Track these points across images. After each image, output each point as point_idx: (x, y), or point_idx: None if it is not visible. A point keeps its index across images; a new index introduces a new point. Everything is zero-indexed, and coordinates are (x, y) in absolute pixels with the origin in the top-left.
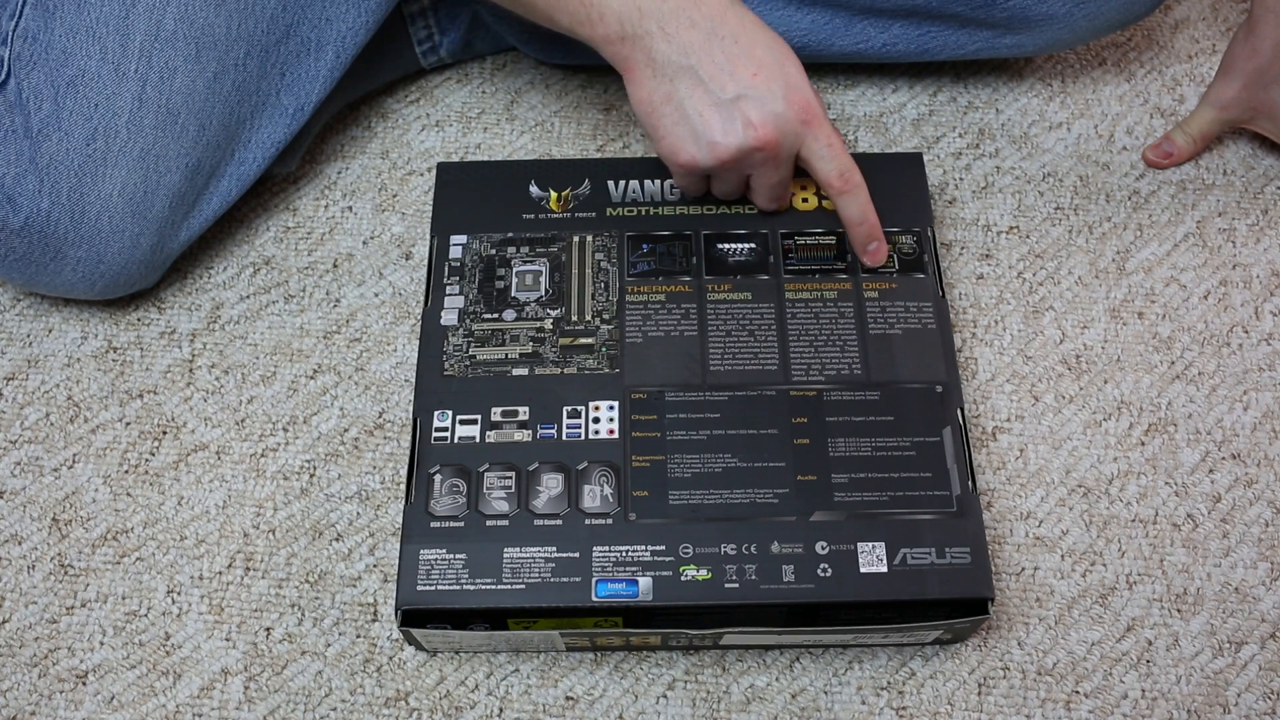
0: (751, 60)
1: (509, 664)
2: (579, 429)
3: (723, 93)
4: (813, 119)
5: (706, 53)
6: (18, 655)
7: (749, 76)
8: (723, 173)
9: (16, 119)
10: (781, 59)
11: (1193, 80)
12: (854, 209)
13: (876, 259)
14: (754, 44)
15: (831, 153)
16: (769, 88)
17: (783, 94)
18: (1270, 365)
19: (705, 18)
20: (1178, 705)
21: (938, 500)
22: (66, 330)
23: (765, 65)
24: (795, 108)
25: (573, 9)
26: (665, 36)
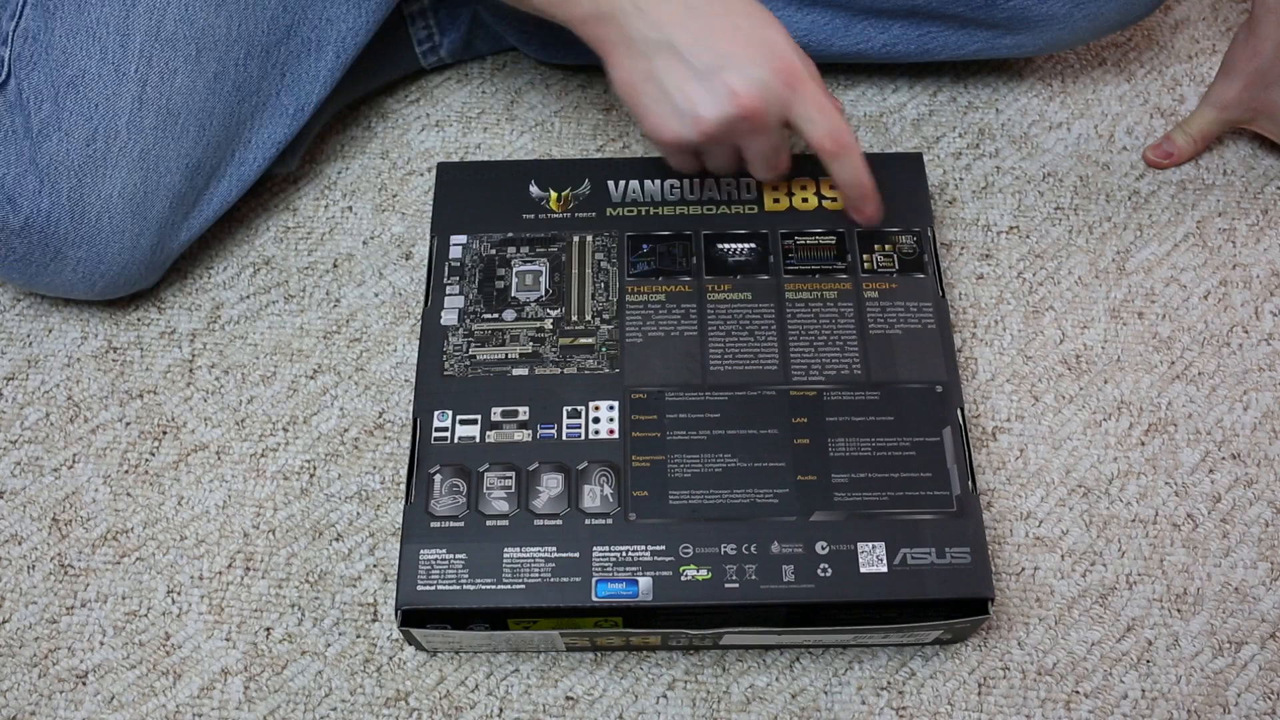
0: (729, 28)
1: (509, 664)
2: (579, 429)
3: (702, 64)
4: (798, 82)
5: (683, 25)
6: (18, 655)
7: (728, 45)
8: (711, 146)
9: (16, 119)
10: (761, 24)
11: (1193, 80)
12: (846, 172)
13: (867, 216)
14: (731, 12)
15: (821, 115)
16: (749, 54)
17: (764, 59)
18: (1270, 365)
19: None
20: (1178, 705)
21: (938, 500)
22: (66, 330)
23: (743, 32)
24: (778, 72)
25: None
26: (639, 13)
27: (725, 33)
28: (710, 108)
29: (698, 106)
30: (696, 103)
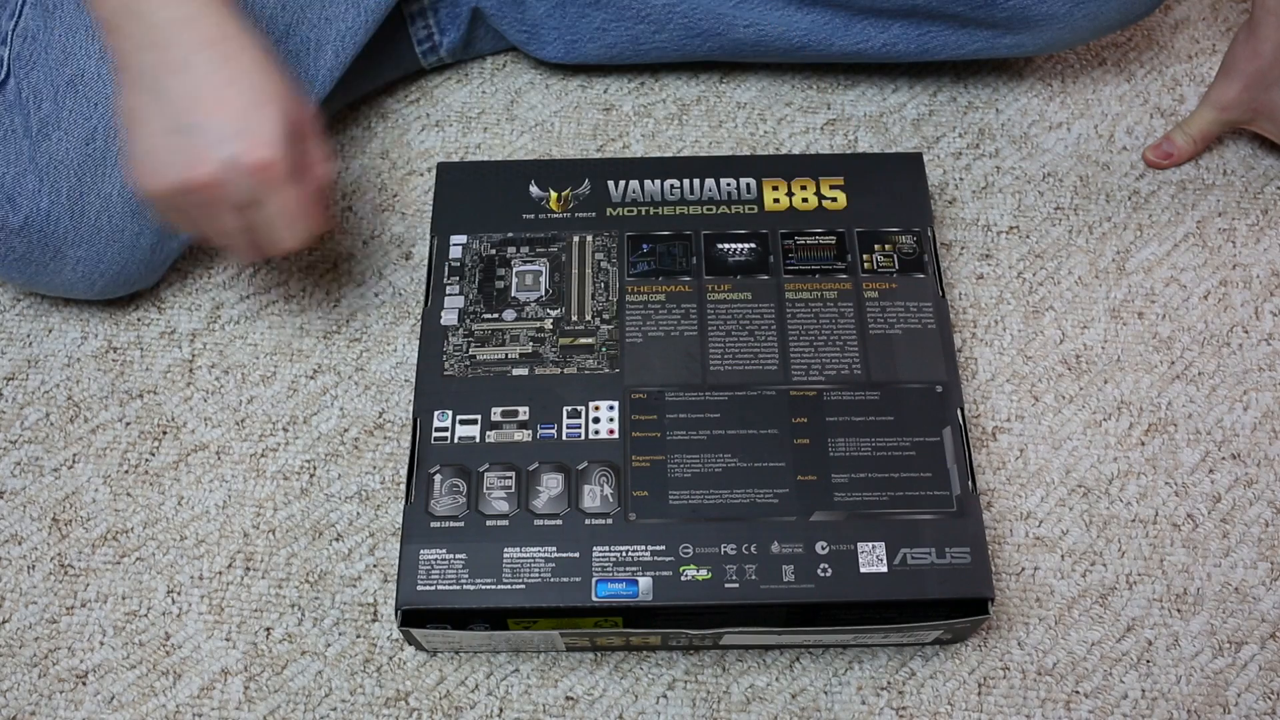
0: (220, 96)
1: (509, 664)
2: (579, 429)
3: (182, 120)
4: (262, 171)
5: (178, 74)
6: (18, 655)
7: (207, 111)
8: (174, 206)
9: (16, 118)
10: (261, 104)
11: (1193, 80)
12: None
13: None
14: (234, 79)
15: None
16: (223, 127)
17: (235, 136)
18: (1270, 365)
19: (193, 38)
20: (1178, 705)
21: (938, 500)
22: (66, 330)
23: (235, 104)
24: (244, 155)
25: None
26: (146, 46)
27: (215, 97)
28: (170, 166)
29: (161, 161)
30: (162, 157)
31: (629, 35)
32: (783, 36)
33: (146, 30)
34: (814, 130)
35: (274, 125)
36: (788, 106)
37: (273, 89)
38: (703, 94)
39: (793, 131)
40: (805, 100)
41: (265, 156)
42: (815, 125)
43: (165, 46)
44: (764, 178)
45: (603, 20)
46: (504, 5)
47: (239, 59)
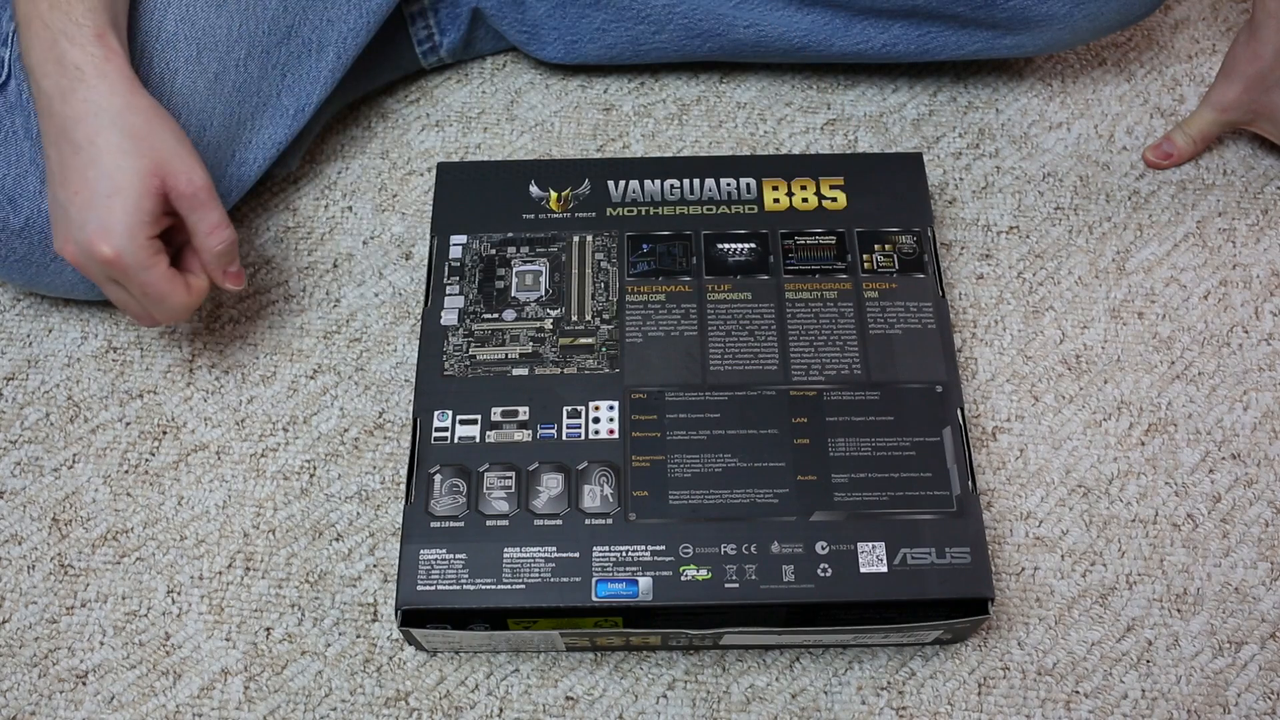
0: (81, 178)
1: (509, 664)
2: (579, 429)
3: (56, 193)
4: (115, 264)
5: (55, 147)
6: (18, 655)
7: (71, 193)
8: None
9: (17, 120)
10: (111, 191)
11: (1193, 80)
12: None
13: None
14: (92, 163)
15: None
16: (82, 214)
17: (91, 226)
18: (1270, 365)
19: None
20: (1178, 705)
21: (938, 500)
22: (66, 330)
23: (90, 189)
24: (96, 244)
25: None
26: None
27: (75, 179)
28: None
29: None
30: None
31: (629, 35)
32: (783, 37)
33: (37, 96)
34: (814, 130)
35: (122, 217)
36: (788, 106)
37: (132, 173)
38: (703, 94)
39: (793, 131)
40: (805, 100)
41: (108, 250)
42: (815, 125)
43: (46, 117)
44: (764, 178)
45: (603, 20)
46: (504, 5)
47: (103, 138)
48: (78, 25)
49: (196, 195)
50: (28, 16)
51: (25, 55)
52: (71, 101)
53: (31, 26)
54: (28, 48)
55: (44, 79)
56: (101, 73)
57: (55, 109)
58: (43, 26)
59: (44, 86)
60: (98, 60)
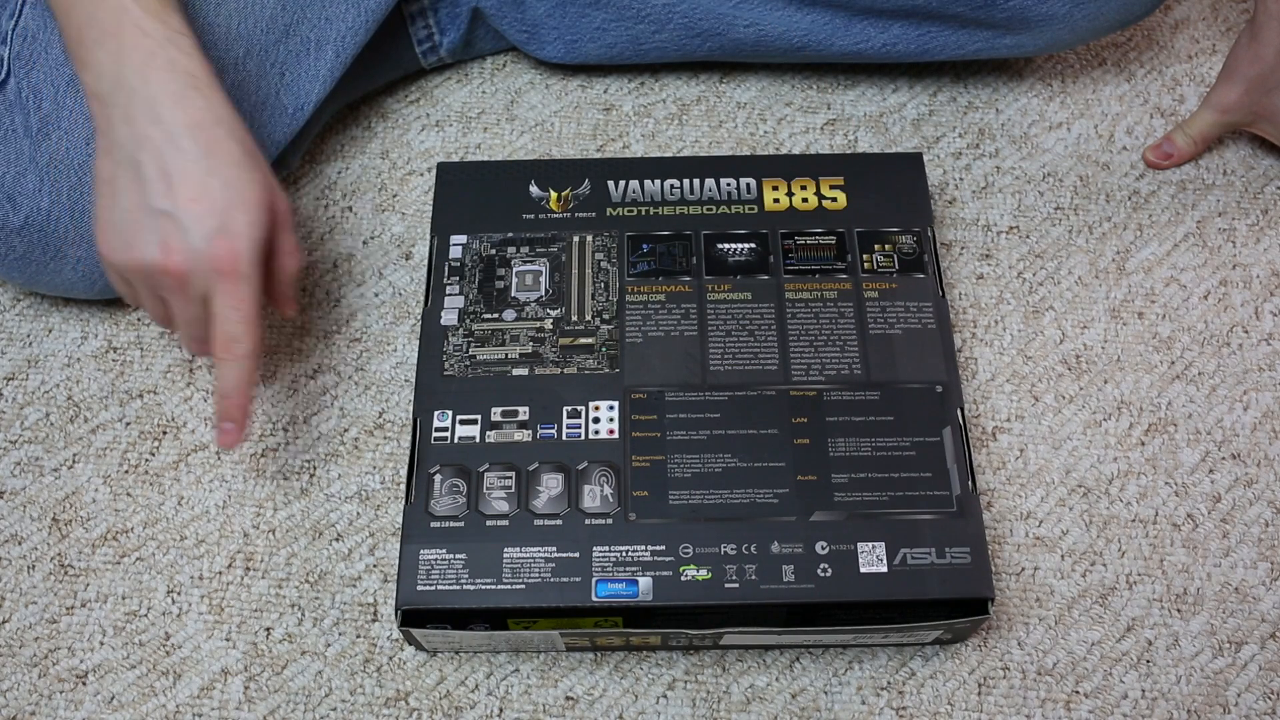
0: (199, 185)
1: (509, 664)
2: (579, 429)
3: (155, 202)
4: (229, 274)
5: (157, 155)
6: (18, 655)
7: (186, 199)
8: (135, 282)
9: (16, 118)
10: (235, 200)
11: (1193, 80)
12: (226, 380)
13: (225, 442)
14: (213, 171)
15: (235, 316)
16: (200, 220)
17: (210, 233)
18: (1270, 365)
19: (176, 121)
20: (1178, 705)
21: (938, 500)
22: (66, 330)
23: (210, 197)
24: (217, 253)
25: (72, 40)
26: (128, 118)
27: (192, 186)
28: (140, 245)
29: (131, 238)
30: (133, 233)
31: (629, 35)
32: (783, 36)
33: (133, 103)
34: (814, 130)
35: (245, 228)
36: (788, 106)
37: (254, 185)
38: (703, 94)
39: (793, 131)
40: (805, 100)
41: (233, 257)
42: (815, 125)
43: (150, 123)
44: (764, 178)
45: (603, 20)
46: (504, 5)
47: (224, 148)
48: (180, 34)
49: (286, 216)
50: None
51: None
52: (187, 108)
53: (123, 33)
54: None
55: (147, 84)
56: (213, 84)
57: (163, 114)
58: (141, 34)
59: (145, 92)
60: (210, 71)
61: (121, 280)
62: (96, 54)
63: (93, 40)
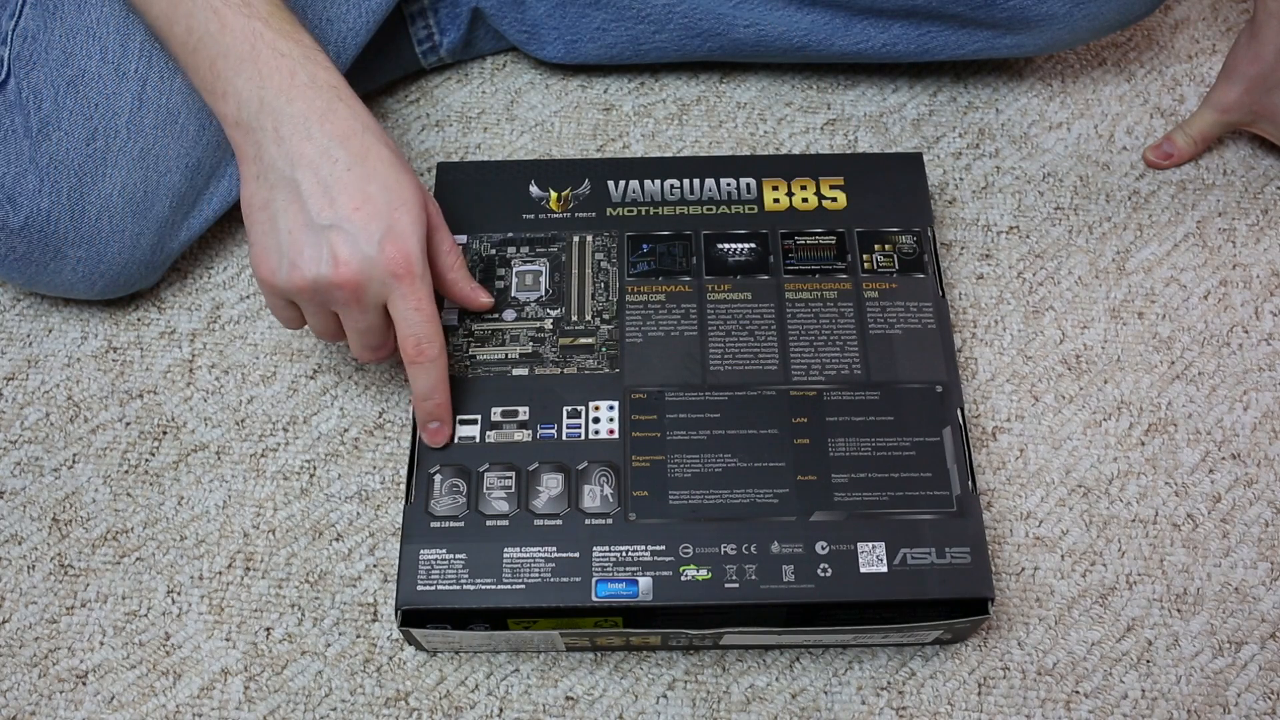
0: (359, 193)
1: (509, 664)
2: (579, 429)
3: (318, 217)
4: (404, 275)
5: (314, 169)
6: (18, 655)
7: (350, 209)
8: (303, 302)
9: (16, 118)
10: (396, 202)
11: (1193, 80)
12: (422, 382)
13: (435, 440)
14: (370, 177)
15: (417, 317)
16: (366, 227)
17: (379, 238)
18: (1270, 365)
19: (327, 134)
20: (1178, 705)
21: (938, 500)
22: (66, 330)
23: (373, 202)
24: (388, 256)
25: (203, 73)
26: (278, 139)
27: (353, 195)
28: (308, 262)
29: (297, 257)
30: (297, 253)
31: (629, 35)
32: (783, 36)
33: (282, 123)
34: (814, 130)
35: (411, 228)
36: (788, 106)
37: (409, 185)
38: (703, 94)
39: (793, 131)
40: (805, 100)
41: (405, 259)
42: (815, 125)
43: (302, 139)
44: (764, 178)
45: (603, 20)
46: (504, 5)
47: (376, 153)
48: (314, 49)
49: (438, 213)
50: (253, 50)
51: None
52: (334, 120)
53: (259, 57)
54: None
55: (292, 103)
56: (352, 93)
57: (313, 130)
58: (278, 55)
59: (292, 111)
60: (345, 81)
61: (283, 303)
62: (236, 83)
63: (230, 71)
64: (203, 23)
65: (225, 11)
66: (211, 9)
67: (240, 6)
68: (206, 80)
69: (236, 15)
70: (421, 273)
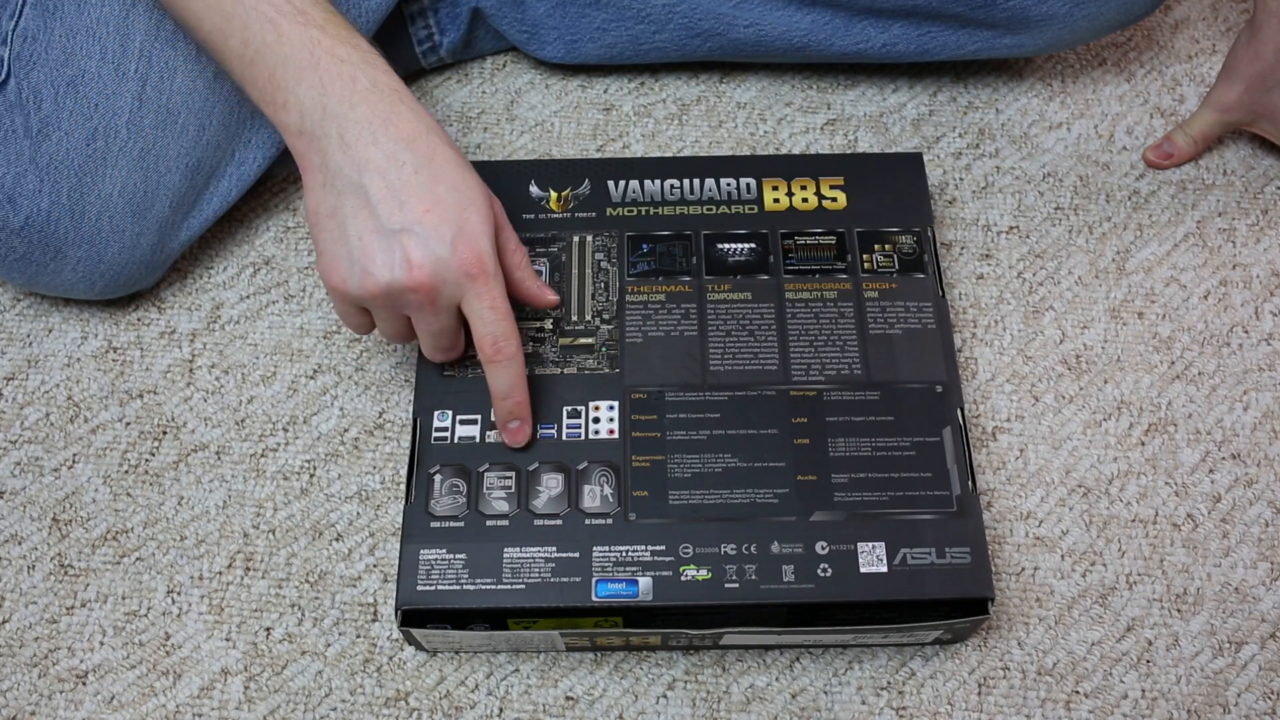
0: (428, 195)
1: (509, 664)
2: (579, 429)
3: (388, 221)
4: (478, 274)
5: (381, 174)
6: (18, 655)
7: (420, 211)
8: (376, 307)
9: (16, 119)
10: (465, 203)
11: (1193, 80)
12: (501, 381)
13: (516, 439)
14: (438, 179)
15: (492, 315)
16: (438, 229)
17: (451, 238)
18: (1270, 365)
19: (392, 138)
20: (1178, 705)
21: (938, 500)
22: (66, 330)
23: (442, 204)
24: (461, 257)
25: (261, 84)
26: (343, 145)
27: (423, 197)
28: (381, 268)
29: (369, 263)
30: (369, 258)
31: (629, 35)
32: (783, 36)
33: (346, 129)
34: (814, 130)
35: (480, 226)
36: (788, 106)
37: (475, 184)
38: (703, 94)
39: (793, 131)
40: (805, 100)
41: (478, 258)
42: (815, 125)
43: (368, 144)
44: (764, 178)
45: (603, 20)
46: (504, 5)
47: (441, 154)
48: (371, 53)
49: (502, 211)
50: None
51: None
52: (399, 123)
53: (320, 65)
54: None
55: (356, 108)
56: (411, 95)
57: (379, 134)
58: (338, 62)
59: (356, 116)
60: (404, 84)
61: (354, 310)
62: (297, 91)
63: (290, 80)
64: (259, 34)
65: (281, 21)
66: (267, 20)
67: (296, 15)
68: (266, 91)
69: (293, 24)
70: (494, 271)
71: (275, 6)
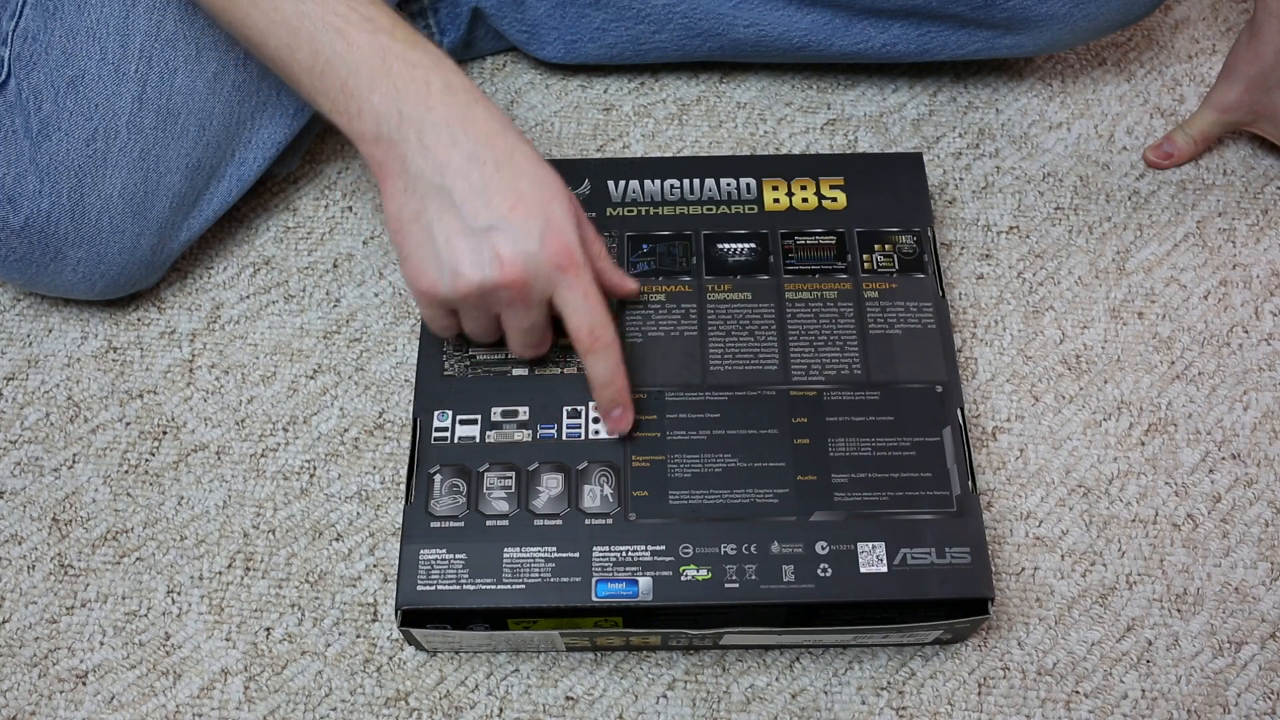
0: (512, 191)
1: (509, 664)
2: (579, 429)
3: (475, 221)
4: (569, 265)
5: (463, 175)
6: (18, 655)
7: (505, 208)
8: (467, 308)
9: (16, 119)
10: (547, 196)
11: (1193, 80)
12: (600, 369)
13: (619, 426)
14: (519, 175)
15: (586, 305)
16: (525, 224)
17: (539, 232)
18: (1270, 365)
19: (470, 138)
20: (1178, 705)
21: (938, 500)
22: (66, 330)
23: (526, 199)
24: (551, 249)
25: (333, 95)
26: (422, 149)
27: (507, 194)
28: (471, 267)
29: (459, 263)
30: (459, 259)
31: (629, 35)
32: (783, 36)
33: (425, 132)
34: (814, 130)
35: (565, 218)
36: (788, 106)
37: (553, 176)
38: (703, 94)
39: (793, 131)
40: (805, 100)
41: (567, 249)
42: (815, 125)
43: (448, 146)
44: (764, 178)
45: (603, 20)
46: (504, 5)
47: (519, 150)
48: (440, 55)
49: (579, 205)
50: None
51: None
52: (476, 123)
53: (392, 71)
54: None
55: (432, 111)
56: (485, 94)
57: (458, 135)
58: (409, 66)
59: (433, 119)
60: (473, 83)
61: (443, 313)
62: (371, 99)
63: (364, 88)
64: (328, 45)
65: (349, 30)
66: (335, 30)
67: (363, 23)
68: (338, 102)
69: (361, 33)
70: (583, 261)
71: (341, 16)
